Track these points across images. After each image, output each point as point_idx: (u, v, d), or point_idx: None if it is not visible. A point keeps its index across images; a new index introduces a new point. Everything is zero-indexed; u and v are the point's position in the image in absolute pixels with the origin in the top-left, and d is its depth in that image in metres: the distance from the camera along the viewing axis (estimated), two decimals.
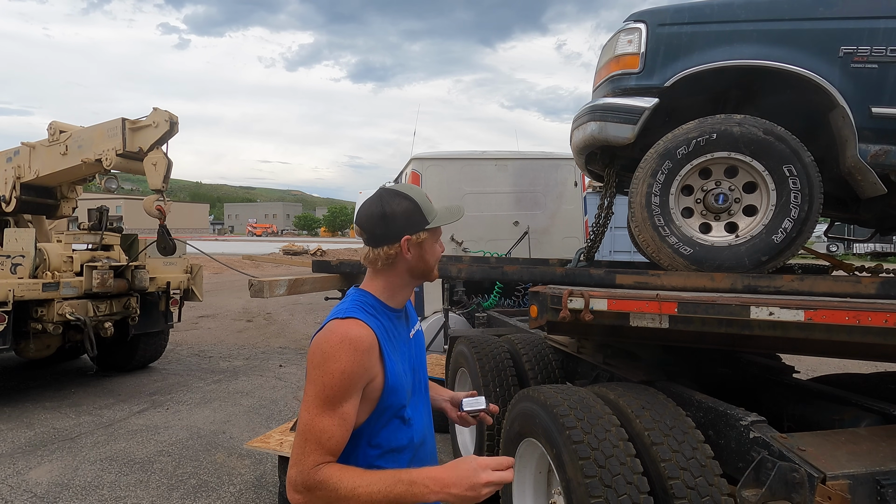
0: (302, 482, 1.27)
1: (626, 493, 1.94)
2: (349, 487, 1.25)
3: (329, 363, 1.30)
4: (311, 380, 1.32)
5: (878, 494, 1.74)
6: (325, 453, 1.29)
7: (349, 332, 1.34)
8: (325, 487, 1.26)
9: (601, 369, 3.06)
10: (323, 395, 1.30)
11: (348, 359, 1.31)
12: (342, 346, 1.31)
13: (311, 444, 1.29)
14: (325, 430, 1.29)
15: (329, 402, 1.30)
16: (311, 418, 1.30)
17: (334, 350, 1.31)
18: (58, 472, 4.27)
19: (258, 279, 3.61)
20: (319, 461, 1.28)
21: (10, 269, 5.55)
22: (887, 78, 2.54)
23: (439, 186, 6.80)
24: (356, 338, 1.33)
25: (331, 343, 1.32)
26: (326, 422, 1.30)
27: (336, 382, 1.30)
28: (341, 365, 1.30)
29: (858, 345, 2.16)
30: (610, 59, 2.90)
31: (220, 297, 14.59)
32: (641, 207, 2.71)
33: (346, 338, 1.33)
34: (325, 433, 1.29)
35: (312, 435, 1.29)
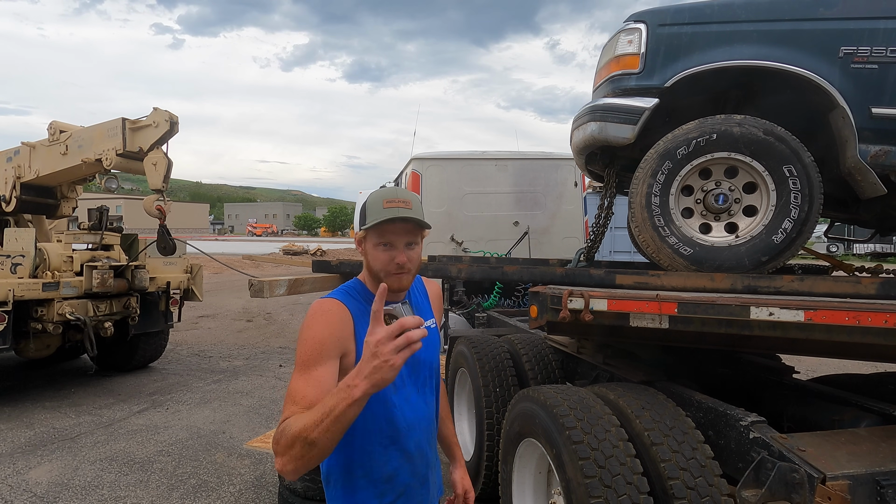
0: (275, 438, 1.29)
1: (626, 494, 1.94)
2: (300, 425, 1.23)
3: (304, 331, 1.46)
4: (296, 351, 1.46)
5: (878, 495, 1.74)
6: (296, 409, 1.33)
7: (323, 306, 1.50)
8: (284, 434, 1.25)
9: (601, 369, 3.06)
10: (300, 360, 1.42)
11: (320, 327, 1.45)
12: (315, 318, 1.47)
13: (287, 403, 1.37)
14: (299, 389, 1.38)
15: (304, 365, 1.41)
16: (292, 382, 1.41)
17: (310, 321, 1.47)
18: (58, 472, 4.27)
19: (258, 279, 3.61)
20: (289, 416, 1.32)
21: (10, 268, 5.55)
22: (887, 78, 2.54)
23: (439, 186, 6.80)
24: (328, 310, 1.49)
25: (309, 317, 1.48)
26: (301, 383, 1.39)
27: (309, 347, 1.43)
28: (313, 332, 1.45)
29: (858, 345, 2.16)
30: (610, 59, 2.90)
31: (220, 297, 14.59)
32: (641, 208, 2.71)
33: (320, 310, 1.49)
34: (299, 392, 1.37)
35: (290, 395, 1.38)
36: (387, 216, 1.47)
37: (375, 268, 1.54)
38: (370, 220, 1.49)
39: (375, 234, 1.51)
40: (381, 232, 1.50)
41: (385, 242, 1.51)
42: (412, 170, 6.93)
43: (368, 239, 1.53)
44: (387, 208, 1.48)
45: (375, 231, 1.50)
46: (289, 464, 1.25)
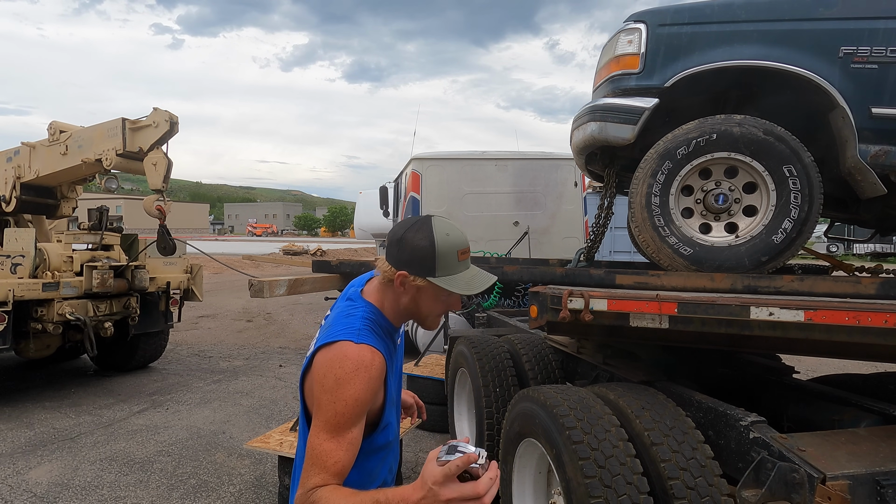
0: (309, 495, 1.25)
1: (626, 494, 1.95)
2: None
3: (343, 390, 1.28)
4: (323, 405, 1.30)
5: (878, 495, 1.74)
6: (328, 476, 1.27)
7: (363, 360, 1.31)
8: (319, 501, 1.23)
9: (601, 369, 3.07)
10: (334, 421, 1.29)
11: (363, 387, 1.30)
12: (357, 375, 1.29)
13: (316, 468, 1.28)
14: (332, 454, 1.28)
15: (339, 427, 1.29)
16: (321, 443, 1.29)
17: (349, 377, 1.29)
18: (58, 472, 4.27)
19: (258, 279, 3.61)
20: (320, 484, 1.27)
21: (10, 268, 5.55)
22: (887, 78, 2.54)
23: (439, 186, 6.80)
24: (370, 366, 1.32)
25: (345, 370, 1.29)
26: (334, 446, 1.28)
27: (349, 410, 1.29)
28: (355, 392, 1.29)
29: (858, 345, 2.16)
30: (610, 59, 2.90)
31: (220, 297, 14.59)
32: (641, 208, 2.71)
33: (361, 366, 1.30)
34: (332, 457, 1.28)
35: (319, 459, 1.28)
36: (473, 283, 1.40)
37: (423, 313, 1.45)
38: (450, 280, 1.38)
39: (446, 293, 1.40)
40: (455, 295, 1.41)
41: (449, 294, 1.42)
42: (412, 170, 6.94)
43: (430, 290, 1.40)
44: (462, 262, 1.40)
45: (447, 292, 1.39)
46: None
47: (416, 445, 4.78)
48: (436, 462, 1.15)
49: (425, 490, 1.14)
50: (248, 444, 3.60)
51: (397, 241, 1.40)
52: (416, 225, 1.40)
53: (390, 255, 1.41)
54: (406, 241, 1.38)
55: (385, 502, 1.19)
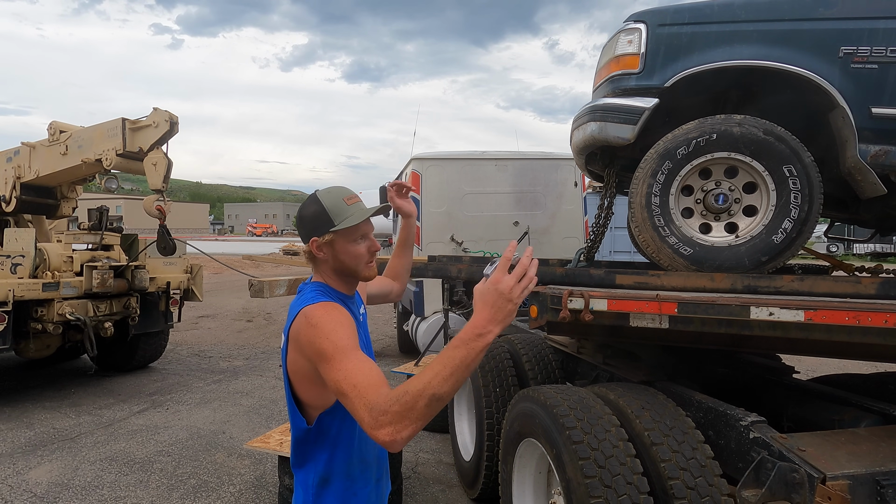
0: (380, 410, 1.20)
1: (626, 494, 1.95)
2: (420, 384, 1.19)
3: (323, 327, 1.39)
4: (318, 350, 1.37)
5: (878, 494, 1.74)
6: (380, 385, 1.26)
7: (327, 306, 1.46)
8: (400, 398, 1.19)
9: (601, 369, 3.07)
10: (338, 348, 1.35)
11: (338, 317, 1.43)
12: (327, 313, 1.43)
13: (366, 389, 1.26)
14: (361, 369, 1.30)
15: (346, 350, 1.35)
16: (346, 372, 1.30)
17: (322, 318, 1.41)
18: (58, 472, 4.27)
19: (258, 279, 3.61)
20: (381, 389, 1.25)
21: (10, 269, 5.55)
22: (887, 78, 2.53)
23: (439, 186, 6.79)
24: (334, 307, 1.47)
25: (316, 316, 1.42)
26: (356, 364, 1.32)
27: (339, 332, 1.38)
28: (333, 322, 1.41)
29: (858, 345, 2.16)
30: (610, 59, 2.90)
31: (220, 297, 14.59)
32: (641, 208, 2.71)
33: (326, 308, 1.45)
34: (363, 371, 1.30)
35: (360, 378, 1.28)
36: (367, 210, 1.57)
37: (352, 263, 1.58)
38: (347, 220, 1.54)
39: (350, 231, 1.56)
40: (357, 226, 1.55)
41: (362, 235, 1.58)
42: (412, 170, 6.93)
43: (340, 239, 1.56)
44: (353, 205, 1.57)
45: (353, 227, 1.55)
46: (410, 426, 1.18)
47: (416, 445, 4.78)
48: (483, 280, 1.27)
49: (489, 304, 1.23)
50: (248, 444, 3.60)
51: (298, 220, 1.62)
52: (309, 199, 1.60)
53: (301, 237, 1.60)
54: (302, 216, 1.59)
55: (462, 342, 1.21)
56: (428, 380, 1.19)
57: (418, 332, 6.73)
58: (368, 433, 1.22)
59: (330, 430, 1.54)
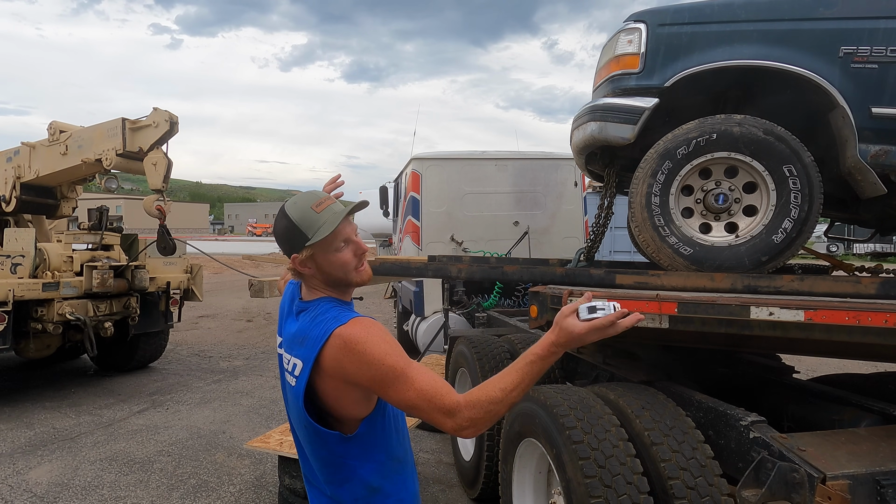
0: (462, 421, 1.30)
1: (626, 493, 1.94)
2: (496, 392, 1.32)
3: (375, 349, 1.33)
4: (380, 377, 1.32)
5: (878, 494, 1.74)
6: (446, 390, 1.33)
7: (364, 322, 1.38)
8: (479, 401, 1.31)
9: (601, 369, 3.06)
10: (397, 366, 1.32)
11: (382, 335, 1.36)
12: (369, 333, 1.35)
13: (435, 394, 1.31)
14: (425, 377, 1.33)
15: (403, 366, 1.33)
16: (416, 391, 1.32)
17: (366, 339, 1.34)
18: (58, 472, 4.27)
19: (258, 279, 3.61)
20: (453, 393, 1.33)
21: (10, 269, 5.55)
22: (887, 78, 2.53)
23: (439, 186, 6.79)
24: (372, 322, 1.39)
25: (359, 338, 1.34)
26: (420, 372, 1.34)
27: (391, 354, 1.33)
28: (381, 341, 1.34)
29: (858, 345, 2.16)
30: (610, 59, 2.90)
31: (220, 297, 14.59)
32: (641, 207, 2.71)
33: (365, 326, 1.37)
34: (427, 379, 1.33)
35: (430, 388, 1.32)
36: (339, 214, 1.42)
37: (340, 273, 1.47)
38: (320, 230, 1.40)
39: (328, 241, 1.42)
40: (335, 234, 1.41)
41: (344, 240, 1.45)
42: (412, 170, 6.93)
43: (319, 250, 1.43)
44: (322, 212, 1.42)
45: (329, 236, 1.41)
46: (487, 426, 1.33)
47: (416, 445, 4.78)
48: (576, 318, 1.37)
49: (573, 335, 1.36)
50: (248, 444, 3.60)
51: (277, 238, 1.49)
52: (275, 218, 1.49)
53: (284, 253, 1.48)
54: (277, 234, 1.48)
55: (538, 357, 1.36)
56: (510, 390, 1.32)
57: (418, 332, 6.73)
58: (453, 433, 1.35)
59: (374, 432, 1.46)
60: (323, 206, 1.43)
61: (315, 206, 1.43)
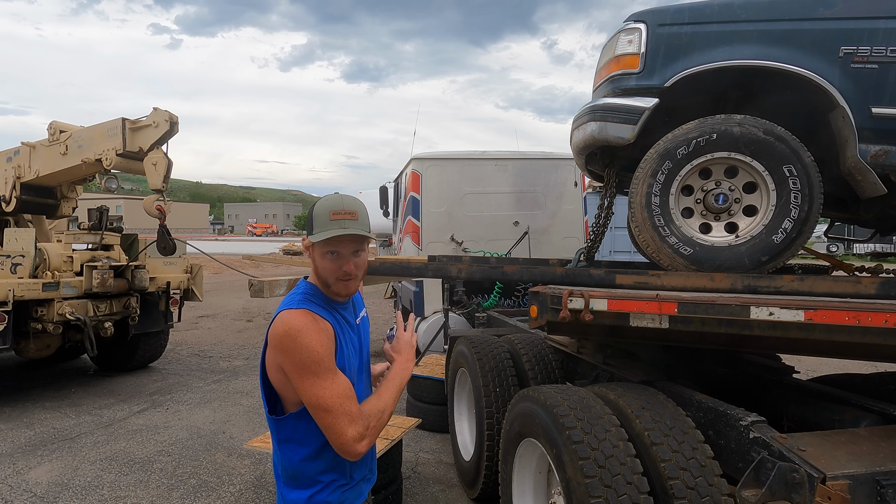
0: (361, 431, 1.46)
1: (626, 493, 1.94)
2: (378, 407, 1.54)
3: (298, 341, 1.45)
4: (292, 365, 1.46)
5: (878, 494, 1.74)
6: (354, 402, 1.49)
7: (305, 316, 1.49)
8: (371, 417, 1.51)
9: (601, 369, 3.06)
10: (313, 367, 1.45)
11: (315, 335, 1.47)
12: (304, 327, 1.47)
13: (344, 407, 1.45)
14: (340, 389, 1.46)
15: (318, 371, 1.45)
16: (329, 390, 1.45)
17: (298, 331, 1.46)
18: (58, 472, 4.27)
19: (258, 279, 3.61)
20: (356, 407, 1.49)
21: (10, 268, 5.54)
22: (887, 78, 2.53)
23: (439, 186, 6.80)
24: (313, 320, 1.50)
25: (292, 327, 1.47)
26: (336, 385, 1.46)
27: (313, 354, 1.45)
28: (309, 340, 1.46)
29: (858, 345, 2.16)
30: (610, 59, 2.90)
31: (220, 297, 14.58)
32: (641, 207, 2.71)
33: (304, 320, 1.48)
34: (341, 392, 1.46)
35: (339, 398, 1.45)
36: (332, 232, 1.52)
37: (323, 275, 1.59)
38: (317, 233, 1.53)
39: (322, 244, 1.55)
40: (327, 242, 1.54)
41: (332, 251, 1.56)
42: (412, 170, 6.94)
43: (316, 248, 1.57)
44: (333, 220, 1.53)
45: (321, 243, 1.54)
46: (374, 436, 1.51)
47: (416, 445, 4.78)
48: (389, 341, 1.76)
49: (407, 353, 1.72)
50: (248, 444, 3.60)
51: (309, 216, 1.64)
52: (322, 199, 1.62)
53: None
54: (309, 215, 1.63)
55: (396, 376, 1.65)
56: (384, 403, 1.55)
57: (418, 332, 6.73)
58: (347, 447, 1.45)
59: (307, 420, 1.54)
60: (339, 216, 1.54)
61: (332, 213, 1.55)
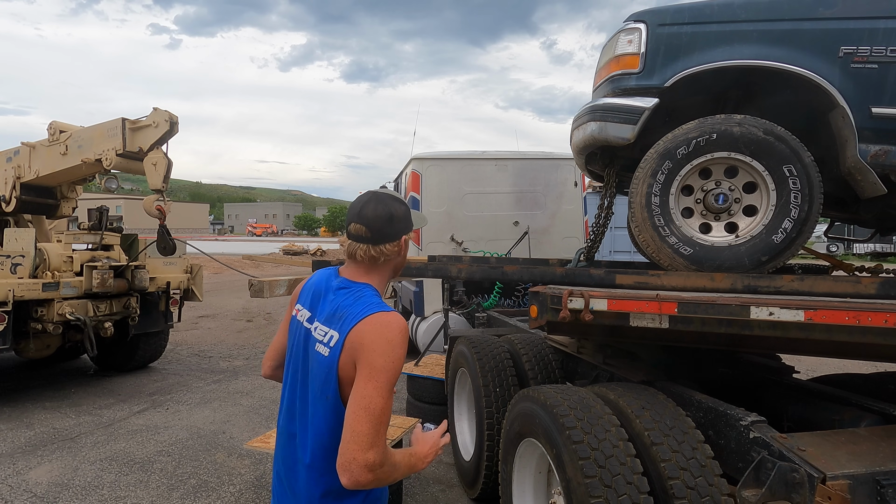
0: (380, 461, 1.41)
1: (626, 493, 1.95)
2: (395, 461, 1.49)
3: (396, 350, 1.47)
4: (378, 367, 1.44)
5: (878, 494, 1.74)
6: (386, 432, 1.47)
7: (403, 324, 1.52)
8: (388, 462, 1.45)
9: (601, 369, 3.06)
10: (392, 379, 1.46)
11: (405, 347, 1.50)
12: (403, 336, 1.50)
13: (384, 426, 1.44)
14: (388, 410, 1.46)
15: (392, 385, 1.47)
16: (385, 402, 1.44)
17: (398, 340, 1.48)
18: (58, 472, 4.27)
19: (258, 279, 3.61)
20: (385, 438, 1.46)
21: (10, 269, 5.54)
22: (887, 78, 2.53)
23: (439, 186, 6.79)
24: (407, 329, 1.54)
25: (394, 333, 1.48)
26: (389, 403, 1.46)
27: (399, 368, 1.48)
28: (402, 352, 1.49)
29: (858, 345, 2.16)
30: (610, 59, 2.90)
31: (220, 297, 14.58)
32: (641, 207, 2.71)
33: (404, 328, 1.51)
34: (389, 414, 1.46)
35: (386, 417, 1.44)
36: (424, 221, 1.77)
37: (404, 262, 1.72)
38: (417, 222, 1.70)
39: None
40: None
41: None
42: (412, 170, 6.93)
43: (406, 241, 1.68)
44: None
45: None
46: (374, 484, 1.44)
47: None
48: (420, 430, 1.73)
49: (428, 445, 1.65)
50: (248, 444, 3.60)
51: (390, 218, 1.59)
52: (388, 199, 1.62)
53: (385, 234, 1.58)
54: (399, 214, 1.61)
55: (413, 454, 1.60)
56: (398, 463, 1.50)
57: (418, 332, 6.73)
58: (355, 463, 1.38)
59: None
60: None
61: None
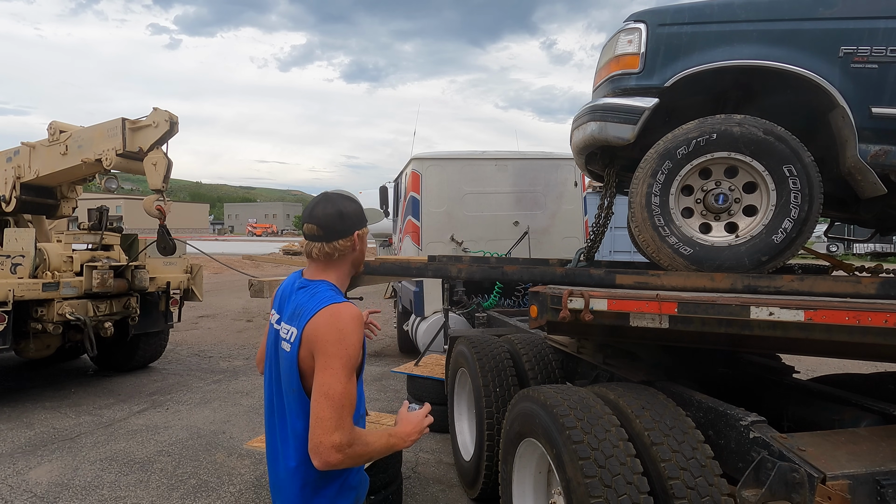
0: (346, 441, 1.48)
1: (626, 493, 1.95)
2: (368, 440, 1.56)
3: (348, 337, 1.55)
4: (332, 354, 1.53)
5: (878, 494, 1.74)
6: (352, 414, 1.54)
7: (355, 312, 1.60)
8: (358, 442, 1.52)
9: (601, 369, 3.07)
10: (348, 364, 1.54)
11: (360, 334, 1.59)
12: (354, 323, 1.57)
13: (346, 409, 1.51)
14: (351, 394, 1.54)
15: (351, 370, 1.55)
16: (343, 386, 1.51)
17: (349, 327, 1.56)
18: (58, 472, 4.27)
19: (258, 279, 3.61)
20: (351, 419, 1.52)
21: (10, 269, 5.55)
22: (887, 78, 2.53)
23: (439, 186, 6.79)
24: (359, 316, 1.61)
25: (345, 321, 1.56)
26: (351, 387, 1.54)
27: (355, 353, 1.56)
28: (356, 339, 1.57)
29: (858, 345, 2.16)
30: (610, 59, 2.90)
31: (220, 297, 14.58)
32: (641, 207, 2.71)
33: (355, 316, 1.59)
34: (351, 397, 1.53)
35: (347, 400, 1.51)
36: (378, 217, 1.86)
37: (362, 258, 1.80)
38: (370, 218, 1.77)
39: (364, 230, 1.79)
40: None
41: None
42: (412, 170, 6.93)
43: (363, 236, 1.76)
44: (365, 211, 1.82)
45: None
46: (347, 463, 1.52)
47: (416, 445, 4.78)
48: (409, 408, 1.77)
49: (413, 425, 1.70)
50: (248, 444, 3.61)
51: (339, 215, 1.68)
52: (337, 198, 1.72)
53: (336, 231, 1.67)
54: (348, 211, 1.71)
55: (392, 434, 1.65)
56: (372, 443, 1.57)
57: (418, 331, 6.73)
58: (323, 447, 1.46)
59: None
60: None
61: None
